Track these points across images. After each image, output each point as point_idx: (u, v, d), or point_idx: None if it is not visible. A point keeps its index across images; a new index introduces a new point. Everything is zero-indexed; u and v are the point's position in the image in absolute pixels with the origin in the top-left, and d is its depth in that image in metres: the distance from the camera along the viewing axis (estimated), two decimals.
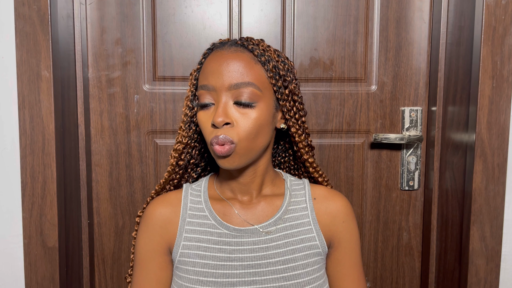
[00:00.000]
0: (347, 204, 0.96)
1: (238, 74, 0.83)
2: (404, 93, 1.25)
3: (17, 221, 1.10)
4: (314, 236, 0.91)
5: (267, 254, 0.89)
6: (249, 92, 0.83)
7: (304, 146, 0.95)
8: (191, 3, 1.20)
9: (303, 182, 0.98)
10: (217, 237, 0.90)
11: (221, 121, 0.82)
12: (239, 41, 0.88)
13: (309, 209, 0.93)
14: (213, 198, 0.94)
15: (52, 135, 1.07)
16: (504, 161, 1.10)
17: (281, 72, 0.88)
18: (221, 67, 0.83)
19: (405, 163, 1.27)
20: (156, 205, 0.93)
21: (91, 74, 1.20)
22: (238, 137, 0.83)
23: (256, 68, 0.85)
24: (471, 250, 1.12)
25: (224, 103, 0.83)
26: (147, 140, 1.23)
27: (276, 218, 0.91)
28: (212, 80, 0.84)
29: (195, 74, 0.92)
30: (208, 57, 0.88)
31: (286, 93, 0.89)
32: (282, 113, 0.91)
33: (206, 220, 0.91)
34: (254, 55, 0.86)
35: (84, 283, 1.24)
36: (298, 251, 0.90)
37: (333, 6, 1.22)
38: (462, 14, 1.14)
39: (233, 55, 0.84)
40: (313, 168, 0.98)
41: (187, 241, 0.90)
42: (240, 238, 0.89)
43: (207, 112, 0.85)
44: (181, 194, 0.95)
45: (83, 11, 1.19)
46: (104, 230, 1.25)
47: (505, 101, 1.08)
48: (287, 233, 0.91)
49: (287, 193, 0.95)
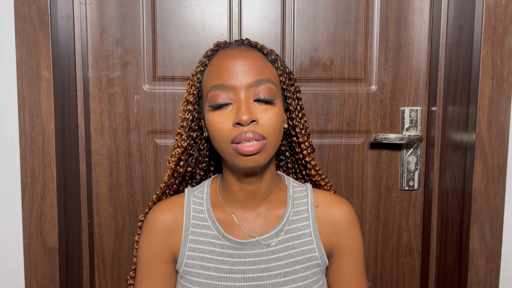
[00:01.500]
0: (350, 212, 0.93)
1: (256, 71, 0.82)
2: (404, 93, 1.25)
3: (17, 221, 1.10)
4: (314, 247, 0.90)
5: (269, 266, 0.88)
6: (268, 88, 0.82)
7: (306, 147, 0.94)
8: (191, 3, 1.20)
9: (306, 188, 0.95)
10: (220, 249, 0.89)
11: (247, 119, 0.79)
12: (246, 41, 0.89)
13: (311, 219, 0.91)
14: (216, 206, 0.92)
15: (52, 135, 1.07)
16: (504, 161, 1.10)
17: (287, 70, 0.90)
18: (236, 65, 0.82)
19: (405, 163, 1.27)
20: (158, 212, 0.92)
21: (91, 74, 1.20)
22: (266, 133, 0.81)
23: (269, 66, 0.86)
24: (471, 250, 1.12)
25: (245, 100, 0.81)
26: (147, 140, 1.23)
27: (277, 230, 0.90)
28: (228, 78, 0.81)
29: (198, 76, 0.89)
30: (216, 57, 0.86)
31: (292, 91, 0.90)
32: (287, 112, 0.92)
33: (209, 231, 0.90)
34: (263, 54, 0.87)
35: (84, 283, 1.24)
36: (298, 263, 0.89)
37: (333, 6, 1.22)
38: (462, 14, 1.14)
39: (246, 53, 0.84)
40: (315, 171, 0.97)
41: (191, 251, 0.89)
42: (242, 250, 0.89)
43: (223, 112, 0.82)
44: (183, 200, 0.93)
45: (83, 11, 1.19)
46: (104, 230, 1.25)
47: (505, 101, 1.08)
48: (288, 245, 0.90)
49: (289, 202, 0.93)
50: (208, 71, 0.86)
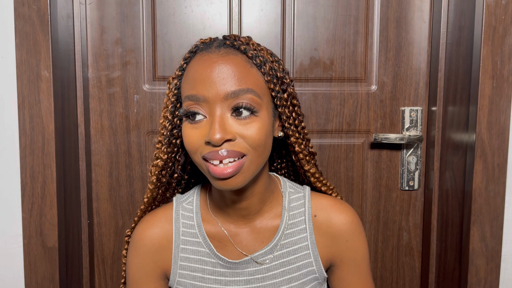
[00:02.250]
0: (352, 220, 0.85)
1: (234, 80, 0.71)
2: (404, 93, 1.25)
3: (17, 221, 1.10)
4: (312, 261, 0.84)
5: (264, 285, 0.83)
6: (249, 99, 0.71)
7: (304, 155, 0.84)
8: (191, 3, 1.20)
9: (304, 193, 0.87)
10: (212, 267, 0.84)
11: (219, 138, 0.69)
12: (227, 41, 0.76)
13: (308, 231, 0.84)
14: (206, 220, 0.85)
15: (52, 135, 1.07)
16: (504, 161, 1.10)
17: (279, 74, 0.77)
18: (212, 73, 0.71)
19: (405, 163, 1.27)
20: (146, 228, 0.85)
21: (91, 74, 1.20)
22: (246, 150, 0.72)
23: (253, 72, 0.74)
24: (471, 250, 1.12)
25: (220, 116, 0.70)
26: (147, 140, 1.23)
27: (272, 246, 0.83)
28: (202, 89, 0.71)
29: (176, 82, 0.80)
30: (192, 62, 0.75)
31: (285, 98, 0.78)
32: (280, 120, 0.81)
33: (200, 248, 0.84)
34: (248, 57, 0.75)
35: (84, 283, 1.24)
36: (295, 279, 0.84)
37: (333, 6, 1.22)
38: (462, 14, 1.14)
39: (225, 59, 0.72)
40: (315, 178, 0.87)
41: (183, 269, 0.84)
42: (235, 269, 0.83)
43: (196, 126, 0.72)
44: (172, 214, 0.86)
45: (83, 11, 1.19)
46: (104, 230, 1.25)
47: (505, 101, 1.08)
48: (284, 261, 0.84)
49: (284, 214, 0.84)
50: (184, 77, 0.76)
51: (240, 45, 0.75)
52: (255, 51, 0.76)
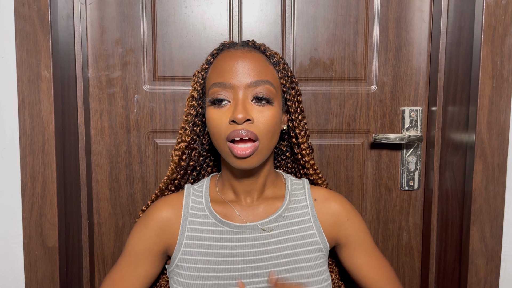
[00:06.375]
0: (347, 202, 0.98)
1: (256, 72, 0.85)
2: (404, 93, 1.25)
3: (17, 221, 1.10)
4: (315, 233, 0.93)
5: (269, 249, 0.91)
6: (266, 89, 0.85)
7: (305, 147, 0.97)
8: (191, 3, 1.20)
9: (303, 182, 0.99)
10: (219, 235, 0.91)
11: (242, 117, 0.82)
12: (249, 42, 0.92)
13: (309, 207, 0.95)
14: (214, 200, 0.95)
15: (52, 135, 1.07)
16: (504, 161, 1.10)
17: (289, 74, 0.93)
18: (238, 65, 0.85)
19: (405, 163, 1.27)
20: (159, 207, 0.95)
21: (91, 74, 1.20)
22: (259, 134, 0.84)
23: (270, 68, 0.89)
24: (471, 250, 1.12)
25: (243, 99, 0.84)
26: (147, 140, 1.23)
27: (276, 216, 0.93)
28: (228, 77, 0.85)
29: (203, 73, 0.92)
30: (220, 56, 0.89)
31: (293, 94, 0.92)
32: (287, 114, 0.95)
33: (207, 219, 0.93)
34: (266, 56, 0.90)
35: (84, 283, 1.24)
36: (300, 246, 0.92)
37: (333, 6, 1.22)
38: (462, 14, 1.14)
39: (248, 55, 0.87)
40: (313, 170, 1.00)
41: (189, 239, 0.91)
42: (241, 234, 0.91)
43: (221, 109, 0.86)
44: (183, 193, 0.97)
45: (83, 11, 1.19)
46: (104, 230, 1.25)
47: (505, 101, 1.08)
48: (288, 230, 0.93)
49: (287, 194, 0.96)
50: (211, 69, 0.89)
51: (260, 46, 0.91)
52: (271, 52, 0.91)
